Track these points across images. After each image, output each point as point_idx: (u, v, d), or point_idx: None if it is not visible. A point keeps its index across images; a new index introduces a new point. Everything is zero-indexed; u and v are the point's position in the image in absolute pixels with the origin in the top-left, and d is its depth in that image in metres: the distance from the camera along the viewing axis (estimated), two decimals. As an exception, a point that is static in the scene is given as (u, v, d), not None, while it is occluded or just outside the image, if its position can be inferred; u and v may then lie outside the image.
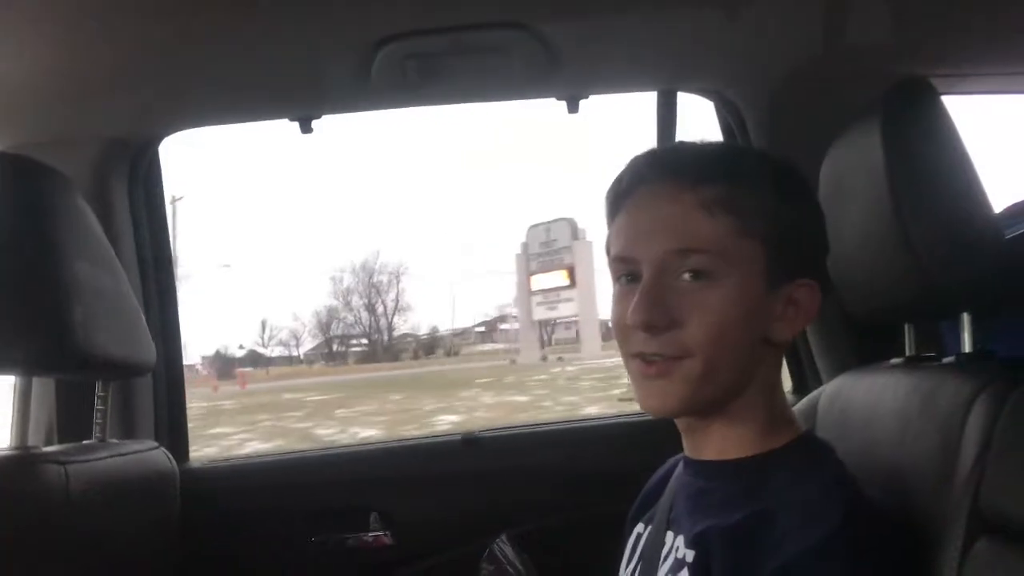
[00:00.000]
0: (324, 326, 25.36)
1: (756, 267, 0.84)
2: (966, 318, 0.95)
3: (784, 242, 0.85)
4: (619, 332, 0.88)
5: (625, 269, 0.88)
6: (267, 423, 13.35)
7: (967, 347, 0.94)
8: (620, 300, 0.88)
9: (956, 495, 0.78)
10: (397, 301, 25.35)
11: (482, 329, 27.01)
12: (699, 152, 0.91)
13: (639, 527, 1.02)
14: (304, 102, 1.54)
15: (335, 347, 25.22)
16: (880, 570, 0.77)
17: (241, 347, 22.79)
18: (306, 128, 1.57)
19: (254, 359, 23.39)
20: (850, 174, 1.04)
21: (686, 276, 0.83)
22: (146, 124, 1.59)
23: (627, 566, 1.00)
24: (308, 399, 17.12)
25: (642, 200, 0.88)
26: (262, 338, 23.99)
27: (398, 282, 25.42)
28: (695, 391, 0.84)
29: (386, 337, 25.40)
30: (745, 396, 0.88)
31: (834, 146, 1.08)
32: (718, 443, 0.90)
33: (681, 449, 0.97)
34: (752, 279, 0.84)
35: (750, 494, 0.83)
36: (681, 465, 0.97)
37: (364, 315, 25.19)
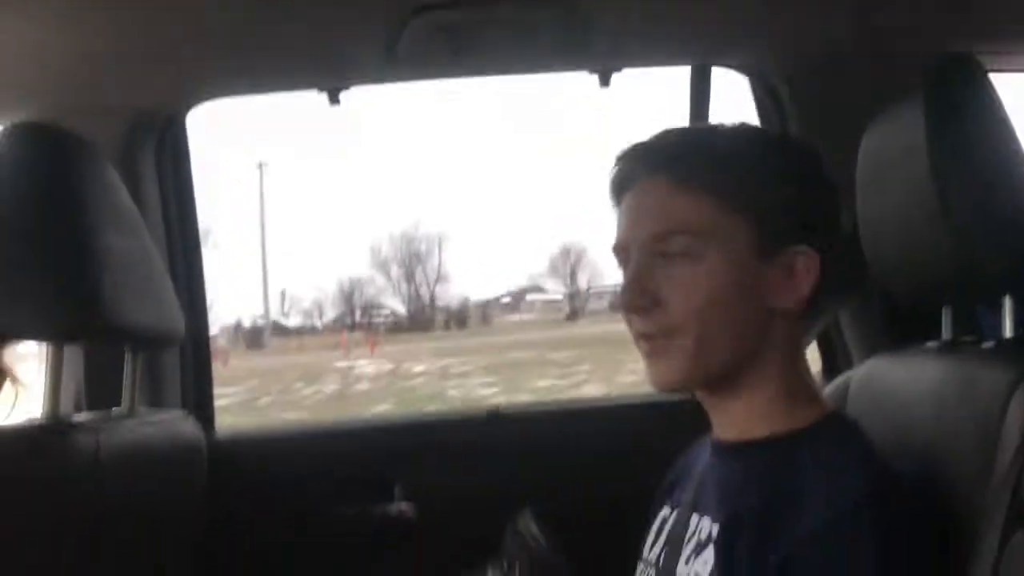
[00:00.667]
0: (347, 296, 25.32)
1: (743, 241, 0.87)
2: (1008, 301, 0.93)
3: (772, 214, 0.87)
4: (624, 314, 0.92)
5: (622, 257, 0.93)
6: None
7: (1008, 332, 0.92)
8: (622, 284, 0.92)
9: (995, 485, 0.77)
10: (439, 270, 25.20)
11: (508, 300, 26.90)
12: (677, 137, 0.94)
13: (664, 511, 1.02)
14: (332, 73, 1.53)
15: (359, 317, 25.23)
16: (908, 544, 0.77)
17: (260, 317, 22.90)
18: (334, 99, 1.56)
19: (277, 329, 23.50)
20: (890, 152, 1.01)
21: (671, 256, 0.87)
22: (174, 95, 1.58)
23: (651, 549, 1.01)
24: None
25: (629, 191, 0.92)
26: (282, 307, 24.07)
27: (440, 250, 25.25)
28: (693, 366, 0.87)
29: (425, 306, 25.27)
30: (758, 367, 0.89)
31: (874, 123, 1.06)
32: (739, 421, 0.91)
33: (707, 429, 0.97)
34: (740, 253, 0.87)
35: (777, 474, 0.84)
36: (709, 447, 0.97)
37: (404, 285, 25.08)
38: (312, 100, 1.56)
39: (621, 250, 0.92)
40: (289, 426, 1.91)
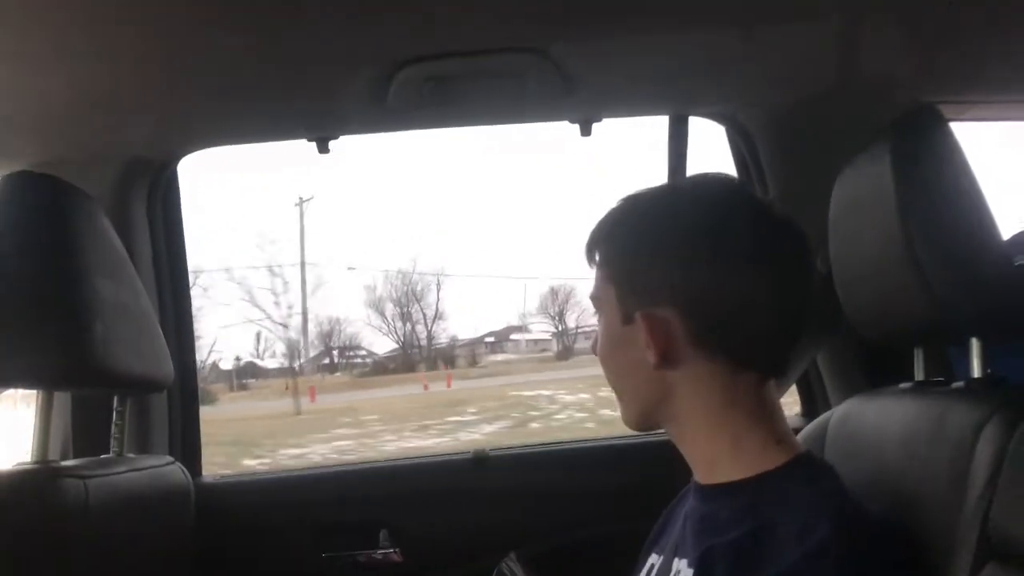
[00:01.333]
0: (325, 336, 25.08)
1: (613, 306, 0.97)
2: (975, 343, 0.95)
3: (624, 280, 0.96)
4: None
5: None
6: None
7: (976, 372, 0.95)
8: None
9: (965, 520, 0.79)
10: (436, 309, 25.01)
11: (492, 340, 26.75)
12: (605, 218, 1.02)
13: (653, 557, 1.04)
14: (322, 123, 1.57)
15: (336, 359, 24.97)
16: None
17: (238, 359, 22.64)
18: (323, 148, 1.59)
19: (252, 371, 23.24)
20: (860, 200, 1.05)
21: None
22: (166, 143, 1.61)
23: None
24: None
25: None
26: (257, 349, 23.82)
27: (438, 289, 25.10)
28: (624, 410, 1.00)
29: (419, 346, 25.00)
30: (677, 419, 0.95)
31: (844, 172, 1.10)
32: (700, 465, 0.96)
33: (689, 470, 0.99)
34: (611, 316, 0.97)
35: (750, 512, 0.85)
36: (692, 492, 0.99)
37: (399, 324, 24.87)
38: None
39: None
40: (276, 472, 1.91)
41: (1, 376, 1.14)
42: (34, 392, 1.20)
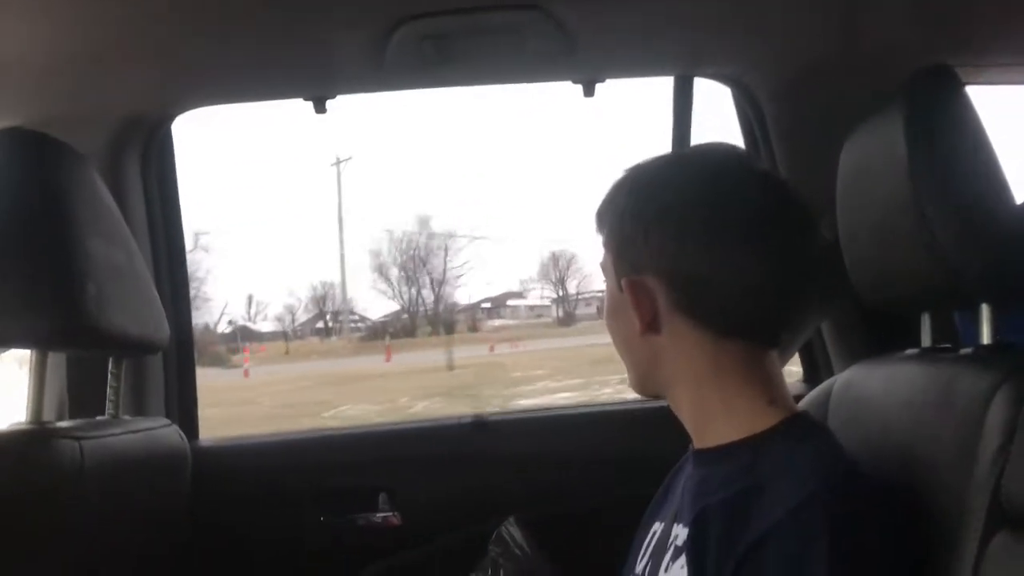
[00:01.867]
0: (319, 300, 25.08)
1: (612, 273, 0.99)
2: (985, 309, 0.94)
3: (617, 248, 0.98)
4: None
5: None
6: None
7: (986, 338, 0.94)
8: None
9: (975, 487, 0.78)
10: (445, 272, 24.95)
11: (488, 306, 26.76)
12: (611, 187, 1.03)
13: (656, 524, 1.04)
14: (318, 82, 1.54)
15: (330, 323, 25.02)
16: (864, 543, 0.78)
17: (231, 322, 22.63)
18: (320, 108, 1.56)
19: (245, 334, 23.25)
20: (870, 162, 1.03)
21: None
22: (159, 102, 1.58)
23: (640, 563, 1.02)
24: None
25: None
26: (248, 313, 23.82)
27: (446, 253, 25.02)
28: (631, 376, 1.02)
29: (424, 311, 24.95)
30: (669, 385, 0.98)
31: (854, 134, 1.07)
32: (696, 429, 0.97)
33: (689, 437, 0.99)
34: (611, 283, 1.00)
35: (744, 472, 0.86)
36: (690, 458, 1.00)
37: (404, 288, 24.85)
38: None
39: None
40: (274, 435, 1.90)
41: None
42: (28, 353, 1.19)
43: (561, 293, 25.15)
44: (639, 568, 1.01)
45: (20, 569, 1.01)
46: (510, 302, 26.43)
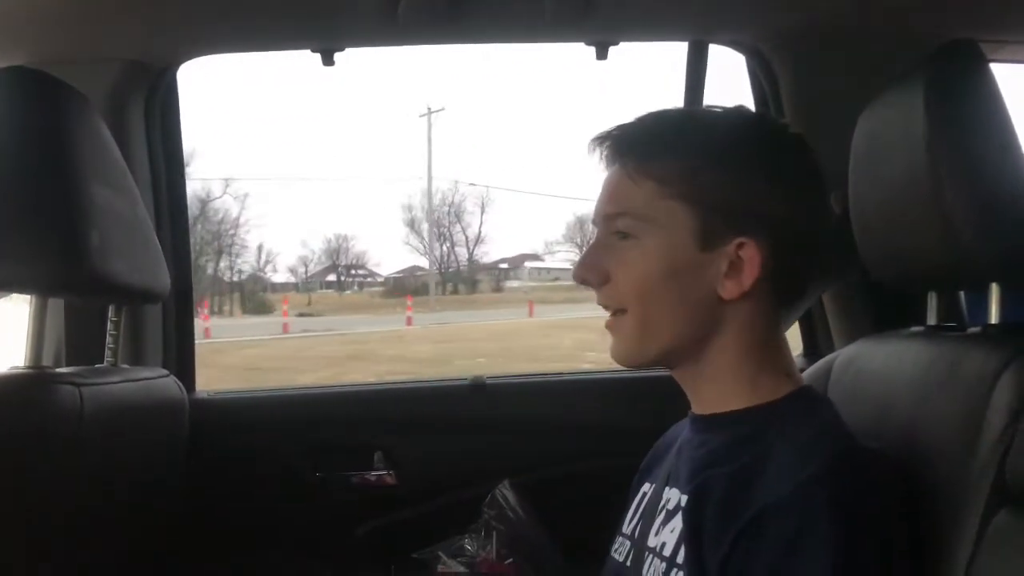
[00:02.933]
0: (332, 253, 25.05)
1: (683, 228, 0.89)
2: (995, 288, 0.93)
3: (713, 206, 0.88)
4: None
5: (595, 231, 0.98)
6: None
7: (994, 318, 0.93)
8: None
9: (979, 465, 0.78)
10: (480, 231, 24.86)
11: (505, 266, 26.72)
12: (631, 125, 0.95)
13: (645, 486, 1.03)
14: (327, 33, 1.51)
15: (342, 277, 25.03)
16: (866, 520, 0.78)
17: (240, 272, 22.66)
18: (328, 60, 1.54)
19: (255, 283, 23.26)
20: (886, 135, 1.01)
21: (616, 236, 0.92)
22: (165, 48, 1.56)
23: (629, 523, 1.02)
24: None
25: (604, 174, 0.96)
26: (258, 262, 23.84)
27: (482, 211, 24.93)
28: (637, 345, 0.92)
29: (458, 267, 24.87)
30: (715, 349, 0.91)
31: (871, 106, 1.05)
32: (708, 397, 0.93)
33: (687, 404, 0.98)
34: (679, 239, 0.89)
35: (747, 442, 0.85)
36: (688, 423, 0.99)
37: (437, 245, 24.81)
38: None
39: (592, 224, 0.99)
40: (271, 390, 1.90)
41: None
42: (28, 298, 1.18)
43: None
44: (627, 529, 1.01)
45: (19, 511, 1.01)
46: (527, 264, 26.41)
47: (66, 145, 1.12)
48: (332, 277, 25.54)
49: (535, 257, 26.61)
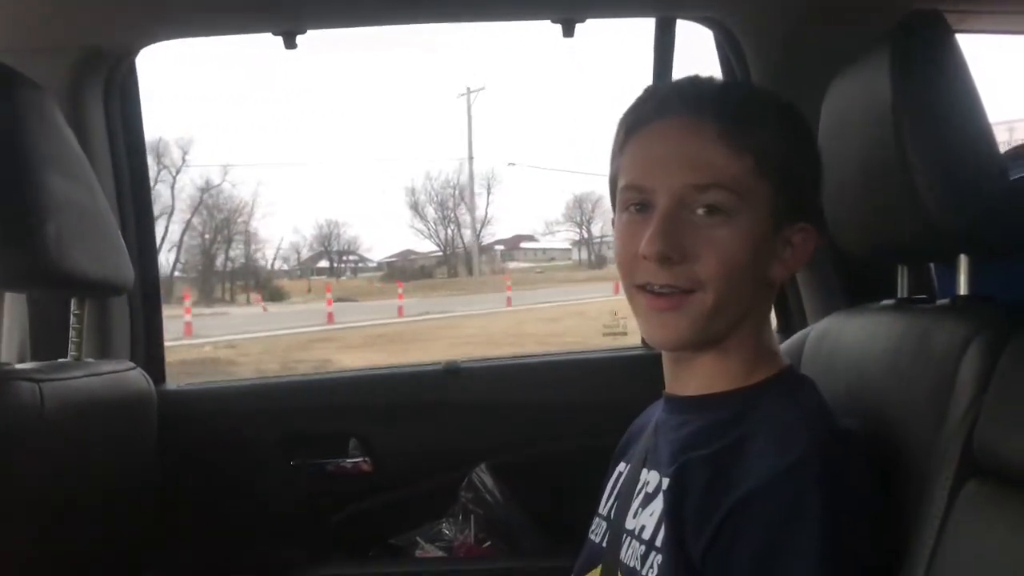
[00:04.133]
0: (324, 239, 24.92)
1: (766, 208, 0.85)
2: (964, 260, 0.93)
3: (790, 185, 0.86)
4: (626, 262, 0.88)
5: (637, 199, 0.87)
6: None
7: (963, 290, 0.93)
8: (628, 229, 0.88)
9: (947, 435, 0.78)
10: (487, 213, 24.71)
11: (502, 248, 26.63)
12: (722, 88, 0.91)
13: (620, 466, 1.03)
14: (289, 15, 1.48)
15: (335, 263, 24.91)
16: (853, 499, 0.78)
17: (230, 260, 22.49)
18: (290, 43, 1.51)
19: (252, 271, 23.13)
20: (853, 108, 1.01)
21: (701, 211, 0.84)
22: (123, 33, 1.52)
23: (605, 504, 1.01)
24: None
25: (662, 130, 0.87)
26: (248, 251, 23.69)
27: (489, 192, 24.75)
28: (704, 325, 0.85)
29: (464, 250, 24.72)
30: (738, 332, 0.88)
31: (838, 79, 1.05)
32: (705, 377, 0.90)
33: (661, 383, 0.96)
34: (761, 219, 0.85)
35: (731, 424, 0.84)
36: (662, 404, 0.97)
37: (440, 229, 24.64)
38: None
39: (641, 191, 0.87)
40: (242, 381, 1.89)
41: None
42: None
43: (585, 236, 25.23)
44: (604, 510, 1.01)
45: None
46: (523, 244, 26.33)
47: (20, 136, 1.09)
48: (324, 263, 25.41)
49: (530, 238, 26.57)
